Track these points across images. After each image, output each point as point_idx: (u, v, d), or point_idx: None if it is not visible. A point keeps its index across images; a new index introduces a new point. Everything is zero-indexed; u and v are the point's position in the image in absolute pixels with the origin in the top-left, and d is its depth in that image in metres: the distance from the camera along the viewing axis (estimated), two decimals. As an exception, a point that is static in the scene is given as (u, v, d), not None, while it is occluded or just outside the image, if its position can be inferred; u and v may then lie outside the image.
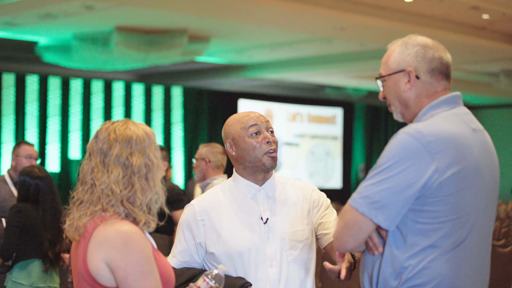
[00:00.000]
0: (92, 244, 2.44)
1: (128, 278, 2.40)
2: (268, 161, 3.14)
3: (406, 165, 2.46)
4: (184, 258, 3.18)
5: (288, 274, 3.08)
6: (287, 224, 3.13)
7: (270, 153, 3.13)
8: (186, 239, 3.18)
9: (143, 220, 2.51)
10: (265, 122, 3.18)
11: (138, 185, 2.51)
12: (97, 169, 2.52)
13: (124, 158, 2.51)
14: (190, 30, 13.78)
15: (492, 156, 2.67)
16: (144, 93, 20.30)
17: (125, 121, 2.60)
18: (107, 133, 2.55)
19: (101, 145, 2.54)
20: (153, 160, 2.56)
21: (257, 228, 3.10)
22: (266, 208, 3.14)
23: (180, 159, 20.81)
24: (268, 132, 3.17)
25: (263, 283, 3.06)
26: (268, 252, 3.08)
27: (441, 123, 2.54)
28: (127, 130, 2.55)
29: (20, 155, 6.36)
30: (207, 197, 3.23)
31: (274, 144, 3.15)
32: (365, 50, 15.73)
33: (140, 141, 2.55)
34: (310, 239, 3.17)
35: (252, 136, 3.14)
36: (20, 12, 11.93)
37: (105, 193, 2.49)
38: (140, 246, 2.44)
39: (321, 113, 24.24)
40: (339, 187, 24.49)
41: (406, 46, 2.68)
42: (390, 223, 2.49)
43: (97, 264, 2.42)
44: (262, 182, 3.18)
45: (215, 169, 6.01)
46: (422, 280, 2.48)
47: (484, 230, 2.60)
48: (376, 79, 2.77)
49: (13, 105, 17.86)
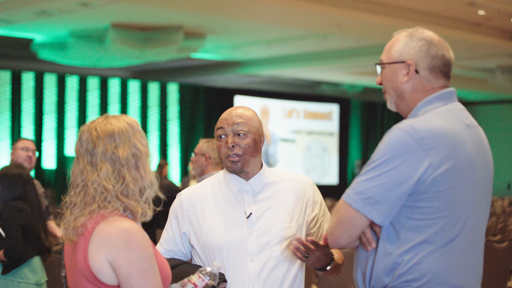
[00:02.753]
0: (93, 242, 2.43)
1: (131, 276, 2.40)
2: (229, 165, 3.12)
3: (399, 161, 2.46)
4: (169, 247, 3.19)
5: (271, 270, 3.06)
6: (273, 220, 3.11)
7: (230, 157, 3.10)
8: (172, 227, 3.20)
9: (140, 210, 2.51)
10: (232, 124, 3.12)
11: (129, 177, 2.50)
12: (86, 170, 2.51)
13: (110, 152, 2.50)
14: (185, 26, 13.78)
15: (485, 152, 2.66)
16: (140, 90, 20.30)
17: (104, 117, 2.59)
18: (89, 132, 2.55)
19: (86, 146, 2.53)
20: (141, 148, 2.55)
21: (239, 223, 3.09)
22: (251, 203, 3.12)
23: (176, 155, 20.82)
24: (235, 136, 3.12)
25: (242, 278, 3.04)
26: (250, 247, 3.06)
27: (434, 119, 2.54)
28: (108, 125, 2.54)
29: (17, 147, 6.49)
30: (196, 188, 3.24)
31: (236, 148, 3.10)
32: (361, 46, 15.74)
33: (123, 133, 2.54)
34: (297, 236, 3.12)
35: (219, 138, 3.14)
36: (16, 9, 11.92)
37: (98, 191, 2.48)
38: (142, 244, 2.44)
39: (317, 109, 24.26)
40: (335, 183, 24.52)
41: (412, 38, 2.67)
42: (383, 219, 2.49)
43: (99, 262, 2.42)
44: (247, 178, 3.17)
45: (214, 166, 6.00)
46: (415, 275, 2.48)
47: (477, 226, 2.60)
48: (375, 64, 2.76)
49: (9, 103, 17.86)
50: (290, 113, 23.43)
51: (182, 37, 13.92)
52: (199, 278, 2.72)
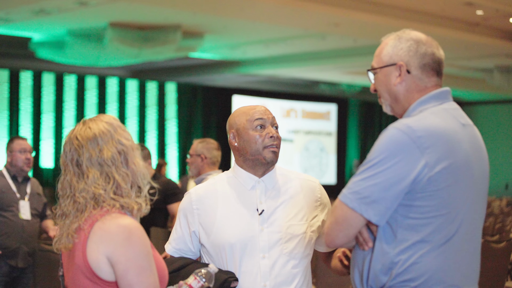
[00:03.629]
0: (92, 237, 2.44)
1: (128, 273, 2.40)
2: (269, 155, 3.15)
3: (395, 160, 2.46)
4: (179, 246, 3.20)
5: (282, 267, 3.08)
6: (284, 217, 3.12)
7: (271, 147, 3.15)
8: (181, 226, 3.20)
9: (135, 206, 2.52)
10: (271, 117, 3.20)
11: (118, 176, 2.51)
12: (74, 179, 2.52)
13: (96, 157, 2.51)
14: (184, 26, 13.77)
15: (481, 151, 2.67)
16: (138, 89, 20.29)
17: (82, 122, 2.59)
18: (71, 142, 2.55)
19: (71, 156, 2.54)
20: (125, 143, 2.55)
21: (251, 220, 3.10)
22: (263, 200, 3.14)
23: (174, 154, 20.81)
24: (273, 128, 3.19)
25: (254, 275, 3.05)
26: (261, 244, 3.07)
27: (430, 118, 2.55)
28: (87, 131, 2.54)
29: (14, 150, 6.45)
30: (205, 186, 3.23)
31: (277, 140, 3.17)
32: (359, 46, 15.74)
33: (104, 134, 2.54)
34: (308, 234, 3.15)
35: (257, 129, 3.15)
36: (14, 8, 11.91)
37: (88, 198, 2.49)
38: (141, 241, 2.44)
39: (315, 109, 24.26)
40: (333, 183, 24.52)
41: (400, 40, 2.69)
42: (380, 218, 2.49)
43: (98, 257, 2.42)
44: (262, 174, 3.19)
45: (210, 165, 6.01)
46: (412, 275, 2.49)
47: (474, 225, 2.60)
48: (367, 71, 2.77)
49: (7, 101, 17.84)
50: (288, 112, 23.44)
51: (180, 36, 13.91)
52: (194, 280, 2.72)
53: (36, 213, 6.51)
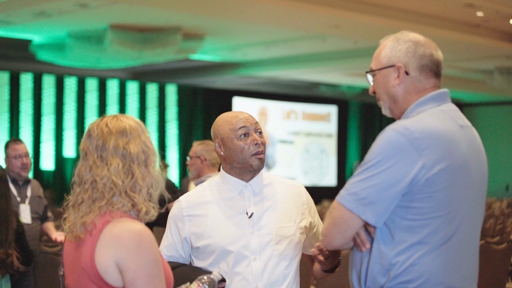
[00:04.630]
0: (102, 241, 2.41)
1: (137, 280, 2.37)
2: (256, 162, 3.17)
3: (393, 161, 2.46)
4: (170, 253, 3.22)
5: (273, 269, 3.11)
6: (273, 219, 3.16)
7: (257, 155, 3.17)
8: (172, 234, 3.23)
9: (144, 208, 2.50)
10: (253, 123, 3.21)
11: (138, 173, 2.50)
12: (95, 165, 2.50)
13: (122, 148, 2.50)
14: (184, 28, 13.78)
15: (479, 153, 2.67)
16: (138, 91, 20.29)
17: (114, 115, 2.60)
18: (99, 129, 2.54)
19: (96, 142, 2.52)
20: (150, 147, 2.57)
21: (242, 223, 3.14)
22: (252, 204, 3.18)
23: (175, 157, 20.81)
24: (256, 134, 3.20)
25: (247, 277, 3.08)
26: (253, 246, 3.11)
27: (428, 120, 2.55)
28: (119, 122, 2.55)
29: (10, 156, 6.41)
30: (195, 193, 3.28)
31: (262, 146, 3.19)
32: (359, 47, 15.74)
33: (134, 130, 2.55)
34: (297, 236, 3.20)
35: (241, 138, 3.17)
36: (14, 10, 11.91)
37: (107, 186, 2.47)
38: (152, 248, 2.41)
39: (315, 110, 24.26)
40: (333, 185, 24.52)
41: (398, 41, 2.69)
42: (377, 220, 2.49)
43: (107, 262, 2.39)
44: (249, 179, 3.22)
45: (210, 167, 6.01)
46: (411, 276, 2.48)
47: (472, 226, 2.60)
48: (366, 73, 2.78)
49: (8, 104, 17.84)
50: (288, 114, 23.43)
51: (180, 38, 13.92)
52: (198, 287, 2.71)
53: (36, 216, 6.50)
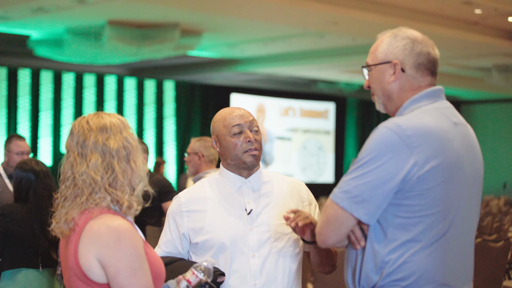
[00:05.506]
0: (83, 239, 2.44)
1: (119, 274, 2.40)
2: (249, 159, 3.17)
3: (385, 159, 2.46)
4: (168, 249, 3.21)
5: (272, 266, 3.11)
6: (272, 216, 3.16)
7: (250, 152, 3.17)
8: (171, 230, 3.22)
9: (126, 202, 2.51)
10: (248, 121, 3.21)
11: (118, 168, 2.51)
12: (75, 162, 2.52)
13: (101, 144, 2.52)
14: (182, 24, 13.76)
15: (474, 150, 2.67)
16: (136, 87, 20.28)
17: (97, 112, 2.62)
18: (81, 126, 2.57)
19: (77, 139, 2.55)
20: (132, 143, 2.57)
21: (240, 219, 3.13)
22: (251, 200, 3.17)
23: (173, 153, 20.81)
24: (252, 132, 3.20)
25: (245, 274, 3.08)
26: (251, 243, 3.10)
27: (421, 117, 2.55)
28: (100, 119, 2.57)
29: (12, 151, 6.33)
30: (193, 189, 3.27)
31: (255, 143, 3.18)
32: (357, 44, 15.73)
33: (114, 126, 2.56)
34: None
35: (234, 135, 3.17)
36: (12, 6, 11.90)
37: (87, 183, 2.49)
38: (131, 242, 2.43)
39: (313, 107, 24.26)
40: (331, 181, 24.52)
41: (395, 38, 2.69)
42: (370, 217, 2.50)
43: (88, 260, 2.42)
44: (247, 175, 3.22)
45: (208, 163, 6.02)
46: (403, 274, 2.49)
47: (466, 224, 2.60)
48: (362, 68, 2.77)
49: (5, 99, 17.82)
50: (286, 111, 23.43)
51: (178, 34, 13.90)
52: (193, 275, 2.72)
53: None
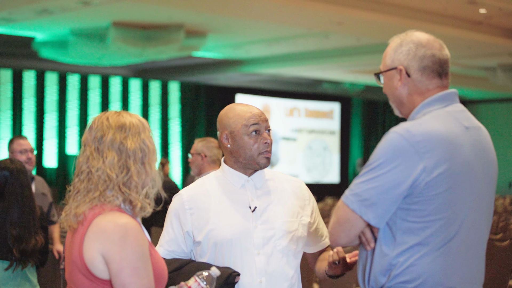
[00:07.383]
0: (89, 234, 2.45)
1: (122, 272, 2.40)
2: (263, 161, 3.17)
3: (394, 164, 2.48)
4: (171, 248, 3.19)
5: (276, 263, 3.11)
6: (276, 214, 3.16)
7: (265, 154, 3.17)
8: (174, 228, 3.19)
9: (139, 204, 2.52)
10: (265, 121, 3.20)
11: (134, 169, 2.52)
12: (92, 157, 2.52)
13: (119, 142, 2.52)
14: (187, 25, 13.77)
15: (486, 154, 2.66)
16: (141, 88, 20.30)
17: (118, 111, 2.62)
18: (100, 122, 2.57)
19: (95, 134, 2.55)
20: (149, 146, 2.57)
21: (245, 217, 3.13)
22: (254, 198, 3.17)
23: (178, 154, 20.82)
24: (266, 132, 3.20)
25: (250, 271, 3.08)
26: (256, 240, 3.10)
27: (431, 122, 2.56)
28: (120, 117, 2.57)
29: (15, 150, 6.38)
30: (196, 187, 3.25)
31: (270, 145, 3.19)
32: (362, 44, 15.73)
33: (134, 126, 2.56)
34: (299, 231, 3.19)
35: (252, 135, 3.16)
36: (17, 8, 11.92)
37: (102, 179, 2.49)
38: (137, 241, 2.44)
39: (318, 107, 24.26)
40: (336, 182, 24.52)
41: (401, 43, 2.70)
42: (378, 221, 2.52)
43: (93, 255, 2.43)
44: (251, 174, 3.22)
45: (211, 164, 6.04)
46: (409, 277, 2.51)
47: (476, 228, 2.61)
48: (374, 75, 2.79)
49: (10, 101, 17.86)
50: (291, 111, 23.43)
51: (183, 35, 13.92)
52: (195, 282, 2.71)
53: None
